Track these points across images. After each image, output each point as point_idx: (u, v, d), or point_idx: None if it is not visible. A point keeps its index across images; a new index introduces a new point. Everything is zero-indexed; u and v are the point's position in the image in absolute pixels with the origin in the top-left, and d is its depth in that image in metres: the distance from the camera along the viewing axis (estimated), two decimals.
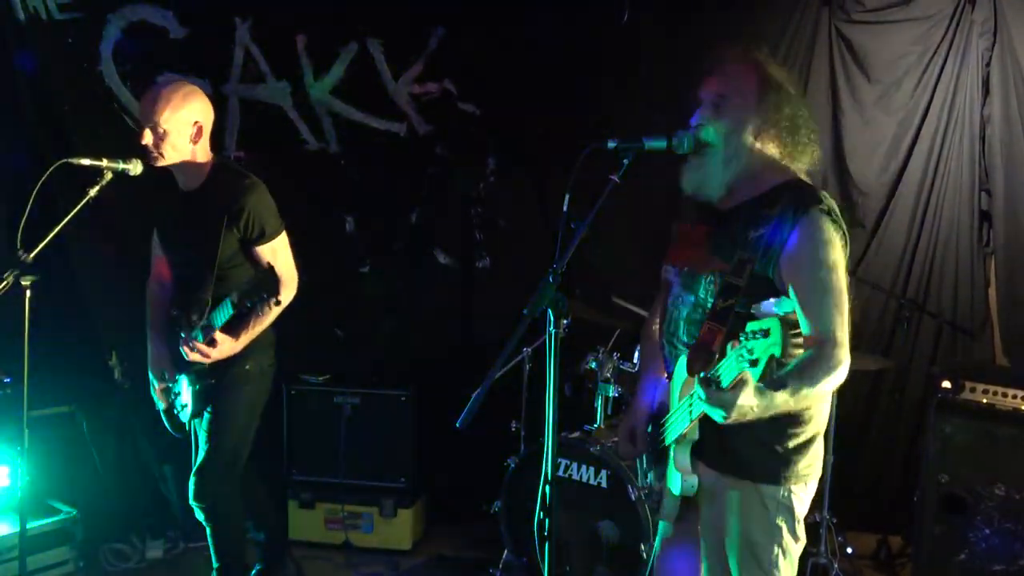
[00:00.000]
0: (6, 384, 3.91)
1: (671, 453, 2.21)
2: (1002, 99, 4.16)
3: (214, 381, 3.22)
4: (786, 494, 2.13)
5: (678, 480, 2.17)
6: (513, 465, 3.73)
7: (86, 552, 3.92)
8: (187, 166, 3.14)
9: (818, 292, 2.00)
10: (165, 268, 3.41)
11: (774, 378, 1.82)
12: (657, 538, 2.44)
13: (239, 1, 4.46)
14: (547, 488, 1.94)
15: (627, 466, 3.32)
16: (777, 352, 1.66)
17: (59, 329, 4.04)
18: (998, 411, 3.48)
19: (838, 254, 2.03)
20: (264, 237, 3.16)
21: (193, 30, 4.42)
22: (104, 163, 3.01)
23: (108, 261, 4.43)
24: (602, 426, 3.72)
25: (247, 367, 3.25)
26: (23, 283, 2.85)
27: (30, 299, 2.87)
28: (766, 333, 1.68)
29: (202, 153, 3.17)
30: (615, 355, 3.76)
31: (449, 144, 4.61)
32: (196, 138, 3.11)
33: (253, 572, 3.64)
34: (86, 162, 3.00)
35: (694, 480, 2.16)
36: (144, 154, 3.07)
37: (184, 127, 3.07)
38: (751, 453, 2.11)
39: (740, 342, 1.74)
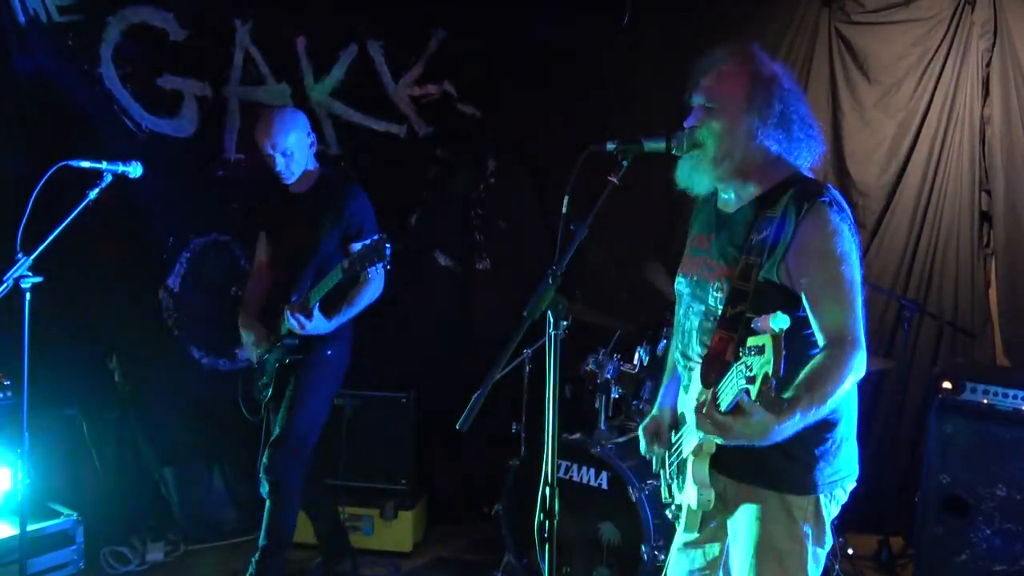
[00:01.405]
0: (6, 387, 3.90)
1: (688, 466, 2.17)
2: (1002, 100, 4.16)
3: (301, 357, 3.45)
4: (813, 502, 2.09)
5: (694, 493, 2.13)
6: (514, 467, 3.72)
7: (86, 555, 3.92)
8: (304, 174, 3.49)
9: (829, 287, 1.95)
10: (266, 269, 3.71)
11: (782, 397, 1.70)
12: (673, 545, 2.39)
13: (239, 3, 4.46)
14: (548, 490, 1.94)
15: (631, 467, 3.32)
16: (769, 370, 1.62)
17: (59, 332, 4.04)
18: (999, 412, 3.48)
19: (848, 244, 1.98)
20: (363, 235, 3.44)
21: (193, 32, 4.42)
22: (104, 165, 3.02)
23: (108, 263, 4.42)
24: (603, 428, 3.71)
25: (328, 352, 3.49)
26: (23, 285, 2.85)
27: (30, 301, 2.87)
28: (760, 350, 1.64)
29: (312, 160, 3.51)
30: (616, 357, 3.76)
31: (449, 146, 4.62)
32: (313, 148, 3.49)
33: (315, 564, 3.87)
34: (86, 164, 3.01)
35: (711, 494, 2.12)
36: (278, 178, 3.42)
37: (304, 142, 3.43)
38: (776, 462, 2.05)
39: (740, 357, 1.70)
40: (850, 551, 3.95)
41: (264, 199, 3.65)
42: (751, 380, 1.67)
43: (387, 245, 3.09)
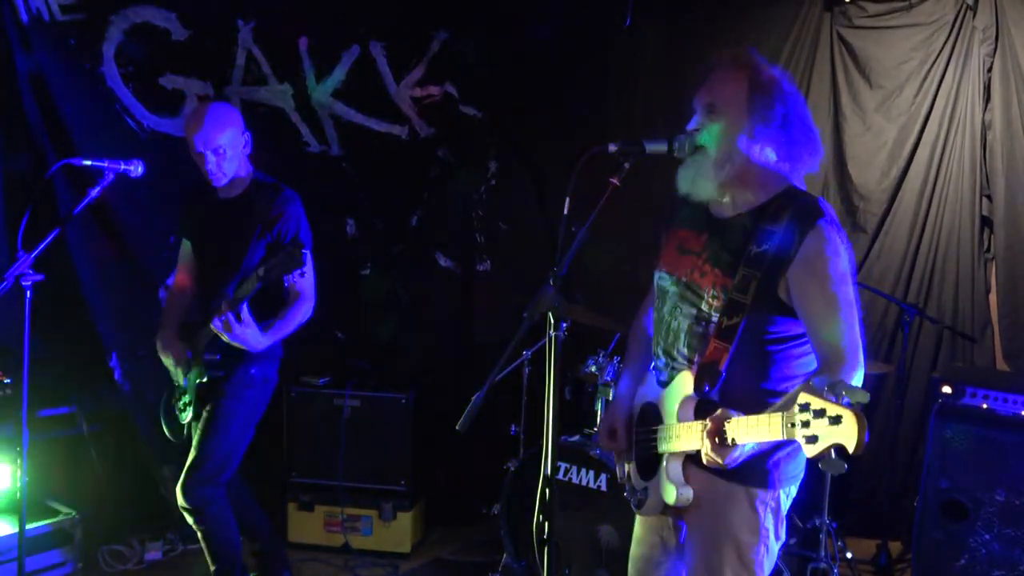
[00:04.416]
0: (6, 385, 3.90)
1: (663, 463, 2.19)
2: (1003, 105, 4.17)
3: (223, 374, 3.25)
4: (775, 497, 2.16)
5: (672, 491, 2.16)
6: (513, 468, 3.72)
7: (85, 553, 3.92)
8: (235, 179, 3.28)
9: (829, 308, 2.00)
10: (188, 279, 3.49)
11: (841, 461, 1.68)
12: (634, 534, 2.43)
13: (242, 3, 4.47)
14: (547, 491, 1.94)
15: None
16: (851, 447, 1.62)
17: (59, 330, 4.04)
18: (999, 416, 3.48)
19: (846, 265, 2.04)
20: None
21: (196, 32, 4.42)
22: (105, 164, 3.03)
23: (108, 261, 4.42)
24: None
25: (252, 371, 3.27)
26: (24, 283, 2.85)
27: (31, 300, 2.87)
28: (837, 420, 1.63)
29: (245, 163, 3.31)
30: (615, 359, 3.76)
31: (450, 147, 4.62)
32: (247, 148, 3.28)
33: None
34: (87, 163, 3.02)
35: (689, 492, 2.15)
36: (208, 178, 3.22)
37: (238, 141, 3.23)
38: (747, 460, 2.09)
39: (793, 411, 1.71)
40: (848, 555, 3.95)
41: (191, 204, 3.43)
42: (811, 440, 1.67)
43: (304, 252, 2.90)
